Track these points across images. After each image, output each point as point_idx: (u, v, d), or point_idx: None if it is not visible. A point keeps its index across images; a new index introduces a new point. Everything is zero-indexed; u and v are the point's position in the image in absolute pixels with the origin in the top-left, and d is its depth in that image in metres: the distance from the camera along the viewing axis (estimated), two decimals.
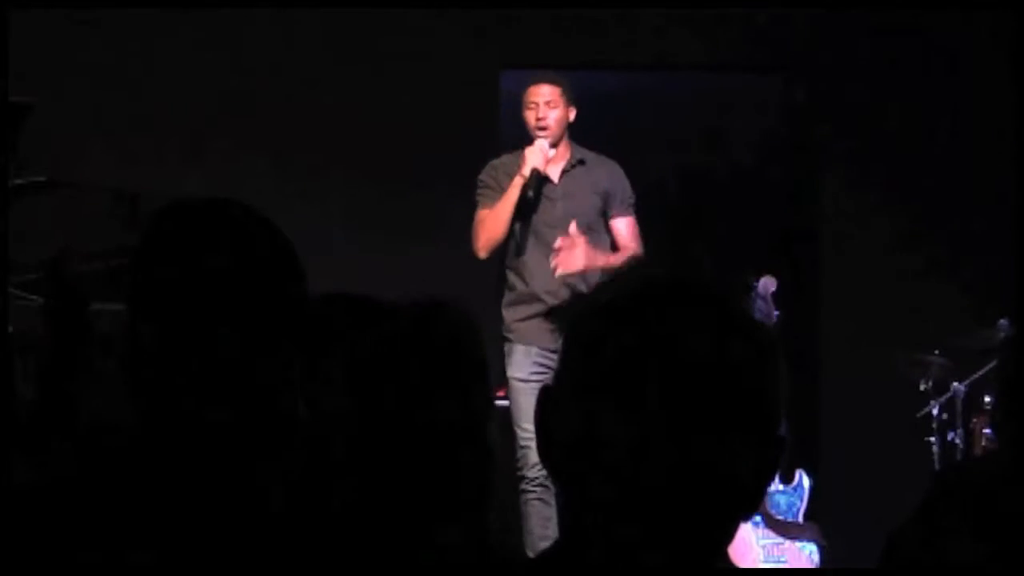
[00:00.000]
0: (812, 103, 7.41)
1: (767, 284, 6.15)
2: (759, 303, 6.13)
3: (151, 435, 1.68)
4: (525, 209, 5.93)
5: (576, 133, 6.17)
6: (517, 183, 5.90)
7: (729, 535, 1.44)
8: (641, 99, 7.10)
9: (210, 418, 1.68)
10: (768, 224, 7.44)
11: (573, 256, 5.85)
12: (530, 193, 5.88)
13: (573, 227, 5.87)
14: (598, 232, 6.01)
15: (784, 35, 7.22)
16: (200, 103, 6.84)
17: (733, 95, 7.55)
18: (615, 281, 1.47)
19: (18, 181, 5.07)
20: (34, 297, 5.05)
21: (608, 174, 6.08)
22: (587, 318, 1.46)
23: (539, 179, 5.92)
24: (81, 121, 6.63)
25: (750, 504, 1.44)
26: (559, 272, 5.84)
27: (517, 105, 6.14)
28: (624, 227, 6.04)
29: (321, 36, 6.95)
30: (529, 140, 6.02)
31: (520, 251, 5.99)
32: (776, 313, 6.12)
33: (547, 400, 1.46)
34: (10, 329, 4.70)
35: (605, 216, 6.05)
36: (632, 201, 6.09)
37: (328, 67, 6.95)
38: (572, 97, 6.04)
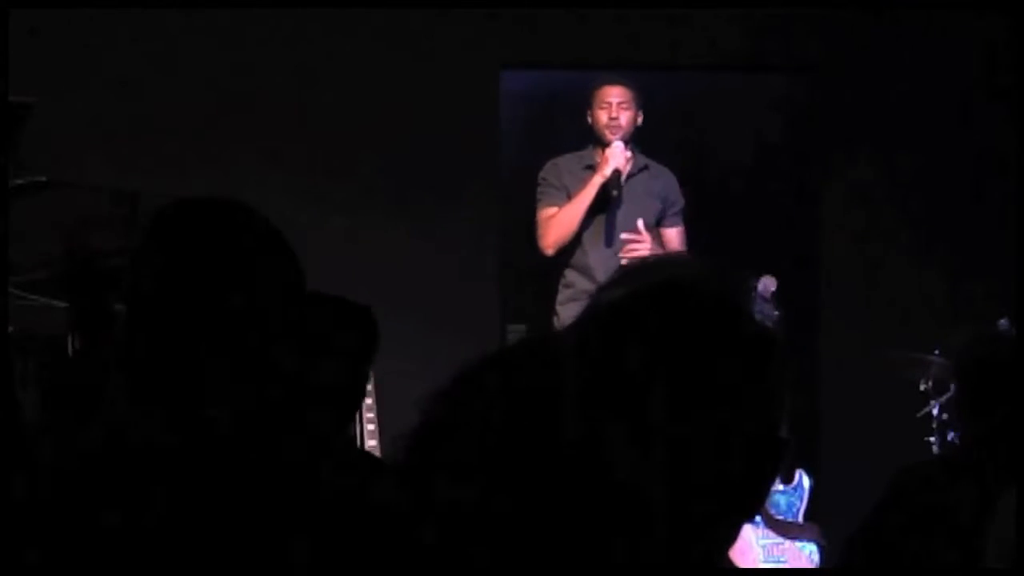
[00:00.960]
0: (812, 103, 7.41)
1: (767, 284, 6.16)
2: (759, 303, 6.13)
3: (148, 433, 1.68)
4: (592, 209, 6.05)
5: (574, 133, 6.19)
6: (596, 181, 6.03)
7: (732, 536, 1.44)
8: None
9: (211, 415, 1.68)
10: (768, 224, 7.43)
11: (641, 249, 5.97)
12: (614, 192, 6.02)
13: (640, 224, 6.00)
14: (656, 237, 6.17)
15: (785, 35, 7.21)
16: (199, 103, 6.83)
17: (733, 95, 7.54)
18: (618, 284, 1.47)
19: (18, 181, 5.07)
20: (34, 297, 5.05)
21: (666, 182, 6.28)
22: (588, 321, 1.46)
23: (619, 178, 6.05)
24: (81, 121, 6.63)
25: (753, 505, 1.44)
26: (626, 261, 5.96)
27: (518, 105, 6.14)
28: (676, 236, 6.26)
29: (320, 36, 6.94)
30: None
31: (585, 250, 6.07)
32: (776, 313, 6.12)
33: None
34: (10, 329, 4.70)
35: (658, 223, 6.23)
36: (683, 211, 6.30)
37: (327, 67, 6.95)
38: (641, 103, 6.21)
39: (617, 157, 6.05)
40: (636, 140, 6.26)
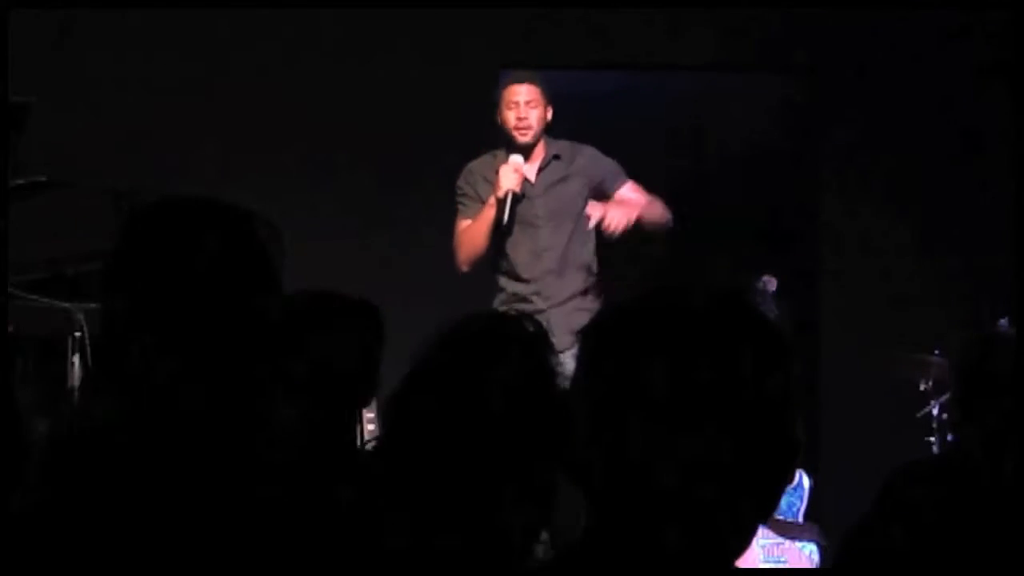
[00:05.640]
0: (812, 103, 7.41)
1: (768, 283, 6.16)
2: (760, 302, 6.13)
3: (131, 432, 1.68)
4: (510, 213, 5.79)
5: (574, 133, 6.16)
6: (492, 203, 5.79)
7: (746, 538, 1.44)
8: (641, 99, 7.09)
9: (190, 415, 1.68)
10: (768, 224, 7.43)
11: (612, 217, 5.74)
12: (504, 219, 5.76)
13: (591, 207, 5.81)
14: (586, 220, 5.92)
15: (785, 35, 7.22)
16: (200, 102, 6.84)
17: (733, 95, 7.55)
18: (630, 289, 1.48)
19: (18, 181, 5.07)
20: (34, 297, 5.05)
21: (588, 161, 5.97)
22: (601, 322, 1.47)
23: (514, 200, 5.78)
24: (81, 121, 6.63)
25: (767, 506, 1.44)
26: (615, 234, 5.72)
27: None
28: (629, 190, 5.92)
29: (320, 36, 6.95)
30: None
31: (507, 253, 5.89)
32: (776, 312, 6.12)
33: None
34: (10, 329, 4.71)
35: (606, 196, 5.92)
36: (622, 170, 5.96)
37: (327, 67, 6.95)
38: (549, 96, 5.93)
39: (508, 179, 5.76)
40: (549, 132, 5.96)
